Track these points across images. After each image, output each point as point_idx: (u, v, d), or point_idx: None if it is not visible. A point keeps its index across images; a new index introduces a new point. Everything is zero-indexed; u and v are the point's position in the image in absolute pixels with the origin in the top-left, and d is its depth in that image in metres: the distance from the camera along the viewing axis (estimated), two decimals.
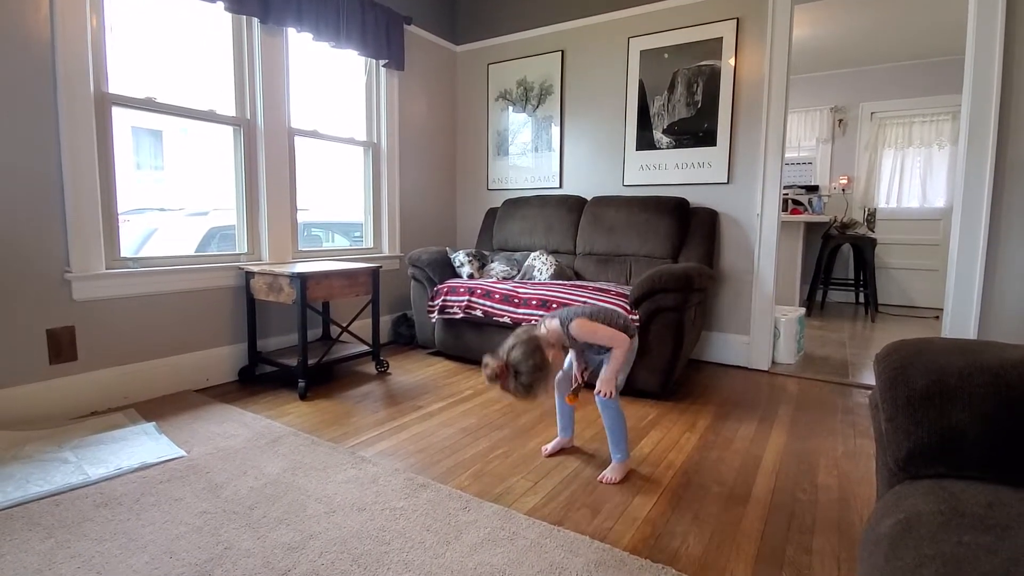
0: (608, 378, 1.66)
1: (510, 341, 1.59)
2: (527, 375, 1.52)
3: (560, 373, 1.83)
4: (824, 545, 1.38)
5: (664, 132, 3.22)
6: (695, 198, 3.15)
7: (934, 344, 0.87)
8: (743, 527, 1.45)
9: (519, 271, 3.21)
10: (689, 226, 3.04)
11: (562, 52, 3.57)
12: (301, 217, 3.07)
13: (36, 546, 1.30)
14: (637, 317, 2.40)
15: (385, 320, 3.56)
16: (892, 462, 0.84)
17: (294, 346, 2.83)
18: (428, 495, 1.57)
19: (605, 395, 1.66)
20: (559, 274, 3.04)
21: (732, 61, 2.97)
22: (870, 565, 0.72)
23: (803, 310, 3.36)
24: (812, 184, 5.41)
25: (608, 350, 1.70)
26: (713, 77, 3.04)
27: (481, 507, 1.51)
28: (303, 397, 2.42)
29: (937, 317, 4.72)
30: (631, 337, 1.72)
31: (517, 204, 3.59)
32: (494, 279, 3.07)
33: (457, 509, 1.50)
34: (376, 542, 1.34)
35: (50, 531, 1.37)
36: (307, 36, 2.89)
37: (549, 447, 1.90)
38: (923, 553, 0.63)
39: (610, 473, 1.71)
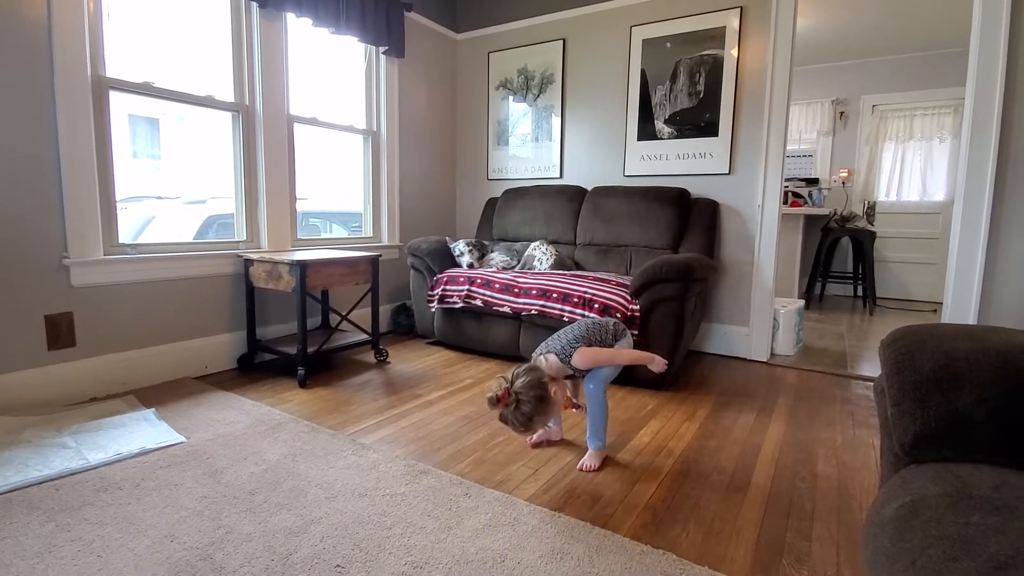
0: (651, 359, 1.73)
1: (515, 370, 1.59)
2: (528, 405, 1.51)
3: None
4: (823, 532, 1.38)
5: (666, 122, 3.20)
6: (696, 189, 3.14)
7: (941, 329, 0.87)
8: (743, 514, 1.46)
9: (519, 261, 3.20)
10: (690, 217, 3.03)
11: (563, 41, 3.54)
12: (300, 206, 3.05)
13: (36, 529, 1.30)
14: (638, 307, 2.40)
15: (384, 309, 3.55)
16: (898, 446, 0.84)
17: (293, 334, 2.83)
18: (429, 481, 1.57)
19: (660, 368, 1.73)
20: (559, 264, 3.03)
21: (735, 51, 2.95)
22: (875, 547, 0.72)
23: (802, 302, 3.36)
24: (812, 177, 5.40)
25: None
26: (716, 67, 3.02)
27: (482, 493, 1.51)
28: (303, 385, 2.42)
29: (935, 310, 4.73)
30: (622, 336, 1.80)
31: (517, 194, 3.57)
32: (494, 269, 3.06)
33: (458, 495, 1.50)
34: (377, 527, 1.34)
35: (50, 515, 1.36)
36: (306, 21, 2.85)
37: (534, 437, 1.88)
38: (930, 534, 0.63)
39: (589, 460, 1.72)
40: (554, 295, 2.58)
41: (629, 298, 2.43)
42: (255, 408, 2.12)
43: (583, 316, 2.43)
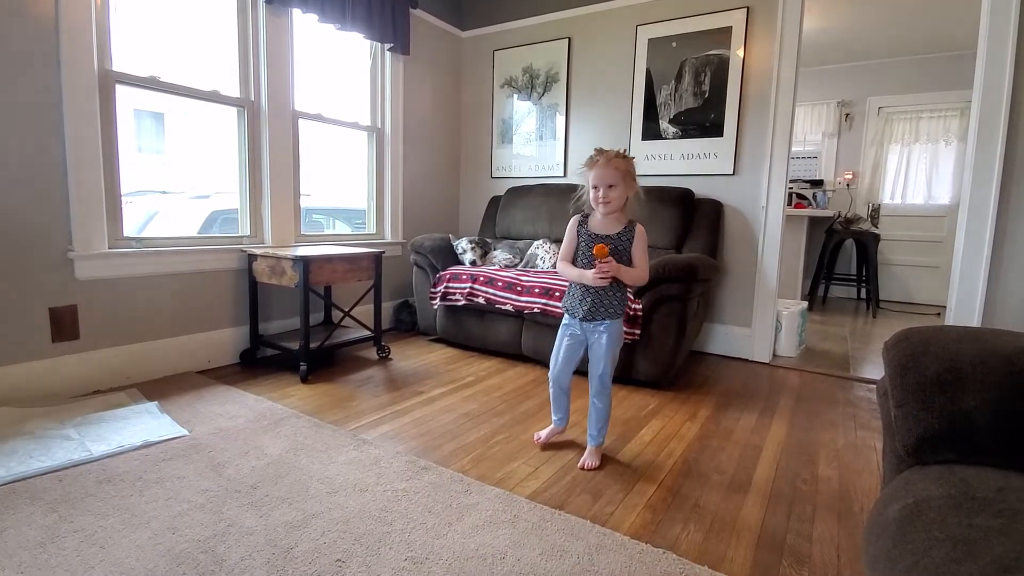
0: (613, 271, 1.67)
1: None
2: (629, 160, 1.71)
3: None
4: (824, 533, 1.38)
5: (670, 122, 3.20)
6: (700, 189, 3.14)
7: (945, 332, 0.87)
8: (743, 515, 1.46)
9: (522, 259, 3.20)
10: (693, 217, 3.02)
11: (569, 39, 3.53)
12: (303, 202, 3.06)
13: (39, 520, 1.31)
14: (640, 306, 2.40)
15: (387, 306, 3.55)
16: (901, 448, 0.83)
17: (295, 330, 2.83)
18: (430, 477, 1.58)
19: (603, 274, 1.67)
20: None
21: (741, 51, 2.94)
22: (877, 548, 0.71)
23: (805, 304, 3.35)
24: (817, 178, 5.38)
25: (605, 322, 1.73)
26: (721, 67, 3.01)
27: (483, 490, 1.51)
28: (305, 380, 2.42)
29: (938, 314, 4.72)
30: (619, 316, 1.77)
31: (520, 193, 3.57)
32: (497, 267, 3.06)
33: (459, 492, 1.50)
34: (378, 522, 1.34)
35: (53, 506, 1.37)
36: (312, 17, 2.85)
37: (543, 435, 1.88)
38: (933, 536, 0.63)
39: (590, 459, 1.72)
40: (556, 294, 2.58)
41: (632, 297, 2.42)
42: (257, 403, 2.13)
43: None
